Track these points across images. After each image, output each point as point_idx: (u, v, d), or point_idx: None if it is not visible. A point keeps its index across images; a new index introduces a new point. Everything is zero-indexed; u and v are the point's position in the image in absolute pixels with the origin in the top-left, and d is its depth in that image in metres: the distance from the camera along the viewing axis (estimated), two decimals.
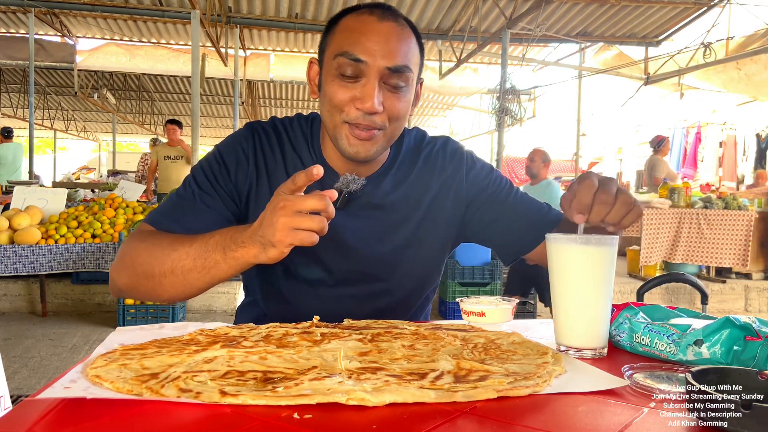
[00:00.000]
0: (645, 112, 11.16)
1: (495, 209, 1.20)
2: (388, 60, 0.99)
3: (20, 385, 3.08)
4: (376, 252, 1.13)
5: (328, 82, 1.03)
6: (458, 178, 1.19)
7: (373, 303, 1.15)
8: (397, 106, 1.02)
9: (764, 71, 7.28)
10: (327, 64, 1.04)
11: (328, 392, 0.60)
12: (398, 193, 1.15)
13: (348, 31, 1.02)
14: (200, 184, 1.08)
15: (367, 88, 0.99)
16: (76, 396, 0.60)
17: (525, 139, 13.92)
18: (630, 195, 0.87)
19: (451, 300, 4.74)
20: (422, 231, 1.16)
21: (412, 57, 1.03)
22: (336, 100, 1.01)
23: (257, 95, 14.03)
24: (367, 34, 0.99)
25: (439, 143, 1.22)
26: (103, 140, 21.80)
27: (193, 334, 0.86)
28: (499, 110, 7.38)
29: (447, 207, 1.18)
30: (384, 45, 0.99)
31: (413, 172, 1.17)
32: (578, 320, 0.84)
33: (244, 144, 1.12)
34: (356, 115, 1.00)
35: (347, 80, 1.00)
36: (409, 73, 1.02)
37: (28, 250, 4.12)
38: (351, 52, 0.99)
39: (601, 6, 7.73)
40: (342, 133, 1.03)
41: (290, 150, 1.14)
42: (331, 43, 1.04)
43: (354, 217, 1.12)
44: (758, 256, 5.99)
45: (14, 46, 8.76)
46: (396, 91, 1.02)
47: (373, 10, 1.03)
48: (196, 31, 6.12)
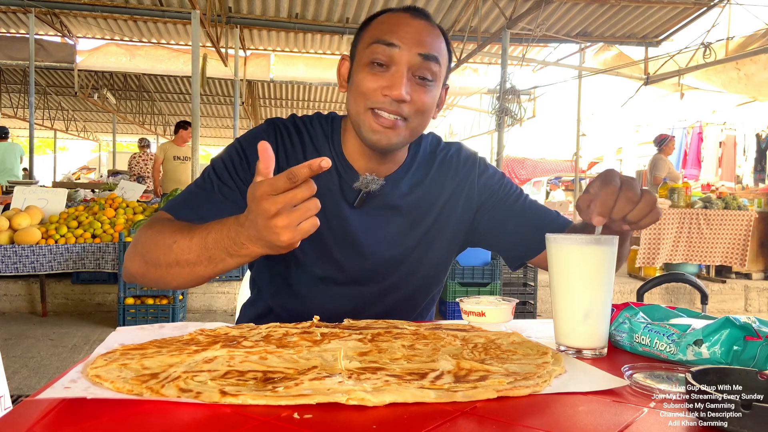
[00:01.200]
0: (645, 113, 11.15)
1: (503, 213, 1.21)
2: (420, 47, 1.02)
3: (20, 385, 3.08)
4: (389, 253, 1.14)
5: (358, 72, 1.05)
6: (470, 182, 1.21)
7: (380, 303, 1.16)
8: (423, 99, 1.04)
9: (764, 71, 7.28)
10: (359, 55, 1.07)
11: (328, 392, 0.60)
12: (414, 195, 1.16)
13: (382, 23, 1.06)
14: (219, 174, 1.08)
15: (396, 77, 1.01)
16: (77, 396, 0.60)
17: (525, 139, 13.92)
18: (654, 197, 0.87)
19: (451, 300, 4.74)
20: (433, 233, 1.18)
21: (442, 52, 1.07)
22: (364, 88, 1.03)
23: (257, 95, 14.03)
24: (401, 25, 1.04)
25: (454, 148, 1.25)
26: (103, 140, 21.80)
27: (193, 334, 0.86)
28: (499, 110, 7.38)
29: (458, 210, 1.20)
30: (416, 35, 1.03)
31: (429, 175, 1.19)
32: (578, 320, 0.84)
33: (266, 138, 1.12)
34: (382, 101, 1.02)
35: (378, 69, 1.02)
36: (438, 65, 1.05)
37: (28, 250, 4.12)
38: (385, 38, 1.02)
39: (601, 6, 7.72)
40: (366, 120, 1.04)
41: (311, 147, 1.15)
42: (364, 37, 1.07)
43: (370, 216, 1.13)
44: (758, 256, 5.99)
45: (14, 46, 8.75)
46: (423, 84, 1.04)
47: (407, 9, 1.08)
48: (196, 31, 6.12)
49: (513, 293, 4.92)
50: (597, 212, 0.84)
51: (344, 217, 1.12)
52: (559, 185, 14.84)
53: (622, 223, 0.87)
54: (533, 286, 5.02)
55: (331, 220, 1.11)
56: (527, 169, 16.03)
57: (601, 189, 0.85)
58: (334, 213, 1.12)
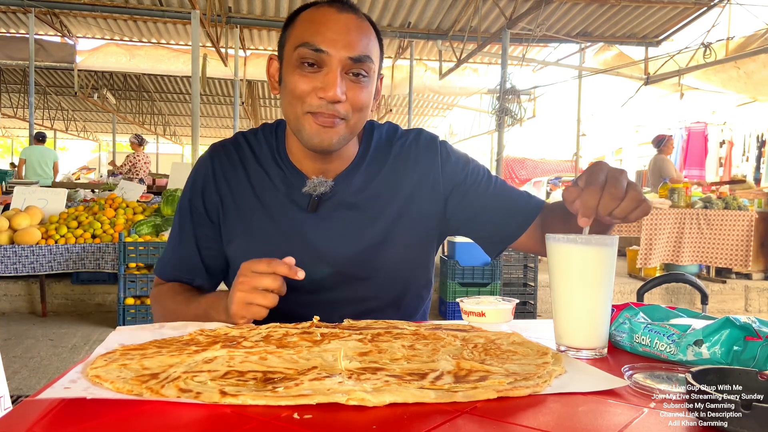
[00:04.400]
0: (645, 113, 11.16)
1: (475, 202, 1.17)
2: (350, 50, 0.99)
3: (20, 385, 3.08)
4: (349, 252, 1.11)
5: (288, 74, 1.02)
6: (434, 173, 1.17)
7: (357, 307, 1.12)
8: (360, 96, 1.02)
9: (763, 69, 7.28)
10: (288, 57, 1.03)
11: (328, 392, 0.60)
12: (370, 190, 1.13)
13: (308, 22, 1.02)
14: (181, 223, 1.18)
15: (329, 77, 0.98)
16: (76, 396, 0.60)
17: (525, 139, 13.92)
18: (639, 191, 0.85)
19: (451, 300, 4.74)
20: (398, 228, 1.13)
21: (373, 49, 1.04)
22: (298, 91, 1.00)
23: (257, 95, 14.03)
24: (327, 24, 0.99)
25: (412, 136, 1.20)
26: (103, 140, 21.81)
27: (193, 335, 0.86)
28: (499, 110, 7.39)
29: (424, 202, 1.16)
30: (345, 35, 0.99)
31: (385, 167, 1.15)
32: (578, 320, 0.84)
33: (204, 172, 1.16)
34: (318, 104, 1.00)
35: (308, 70, 1.00)
36: (371, 63, 1.02)
37: (28, 250, 4.12)
38: (312, 43, 0.98)
39: (601, 6, 7.73)
40: (305, 124, 1.02)
41: (254, 163, 1.15)
42: (291, 36, 1.04)
43: (325, 219, 1.11)
44: (758, 256, 5.98)
45: (14, 46, 8.76)
46: (358, 81, 1.01)
47: (332, 3, 1.03)
48: (196, 31, 6.12)
49: (513, 293, 4.92)
50: (581, 214, 0.83)
51: (299, 224, 1.11)
52: (560, 185, 14.84)
53: (610, 218, 0.86)
54: (533, 286, 5.02)
55: (286, 229, 1.10)
56: (527, 169, 16.04)
57: (586, 187, 0.83)
58: (287, 221, 1.11)
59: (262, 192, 1.14)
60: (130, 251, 4.08)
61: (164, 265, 1.20)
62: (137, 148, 9.23)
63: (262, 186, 1.14)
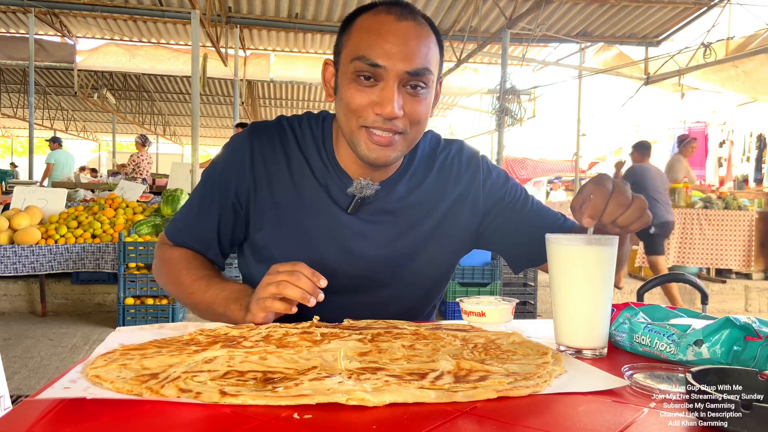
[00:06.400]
0: (645, 113, 11.16)
1: (511, 220, 1.17)
2: (408, 63, 0.95)
3: (20, 385, 3.08)
4: (382, 257, 1.10)
5: (344, 86, 0.99)
6: (474, 188, 1.16)
7: (377, 312, 1.09)
8: (418, 110, 0.98)
9: (761, 68, 7.28)
10: (343, 67, 0.99)
11: (328, 392, 0.60)
12: (411, 199, 1.12)
13: (365, 32, 0.97)
14: (204, 195, 1.13)
15: (386, 92, 0.95)
16: (76, 396, 0.60)
17: (525, 139, 13.93)
18: (644, 201, 0.88)
19: (451, 300, 4.74)
20: (433, 240, 1.13)
21: (432, 57, 0.99)
22: (353, 105, 0.97)
23: (257, 95, 14.03)
24: (385, 36, 0.95)
25: (455, 149, 1.19)
26: (103, 140, 21.81)
27: (193, 334, 0.86)
28: (499, 110, 7.39)
29: (462, 217, 1.15)
30: (403, 47, 0.95)
31: (428, 178, 1.14)
32: (578, 320, 0.84)
33: (241, 152, 1.10)
34: (375, 119, 0.97)
35: (365, 84, 0.96)
36: (429, 75, 0.98)
37: (28, 250, 4.12)
38: (368, 57, 0.94)
39: (601, 6, 7.73)
40: (360, 139, 0.99)
41: (296, 151, 1.10)
42: (347, 45, 1.00)
43: (364, 222, 1.10)
44: (758, 256, 5.98)
45: (14, 46, 8.76)
46: (416, 93, 0.98)
47: (390, 9, 0.98)
48: (196, 31, 6.12)
49: (513, 293, 4.92)
50: (587, 214, 0.85)
51: (336, 223, 1.08)
52: (560, 185, 14.84)
53: (613, 227, 0.88)
54: (533, 286, 5.02)
55: (322, 227, 1.09)
56: (527, 169, 16.05)
57: (594, 191, 0.86)
58: (325, 219, 1.09)
59: (301, 182, 1.09)
60: (130, 251, 4.08)
61: (178, 231, 1.16)
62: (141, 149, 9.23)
63: (301, 176, 1.09)
